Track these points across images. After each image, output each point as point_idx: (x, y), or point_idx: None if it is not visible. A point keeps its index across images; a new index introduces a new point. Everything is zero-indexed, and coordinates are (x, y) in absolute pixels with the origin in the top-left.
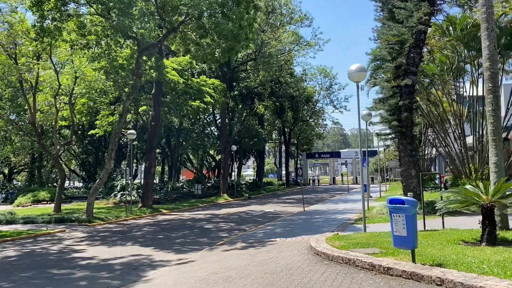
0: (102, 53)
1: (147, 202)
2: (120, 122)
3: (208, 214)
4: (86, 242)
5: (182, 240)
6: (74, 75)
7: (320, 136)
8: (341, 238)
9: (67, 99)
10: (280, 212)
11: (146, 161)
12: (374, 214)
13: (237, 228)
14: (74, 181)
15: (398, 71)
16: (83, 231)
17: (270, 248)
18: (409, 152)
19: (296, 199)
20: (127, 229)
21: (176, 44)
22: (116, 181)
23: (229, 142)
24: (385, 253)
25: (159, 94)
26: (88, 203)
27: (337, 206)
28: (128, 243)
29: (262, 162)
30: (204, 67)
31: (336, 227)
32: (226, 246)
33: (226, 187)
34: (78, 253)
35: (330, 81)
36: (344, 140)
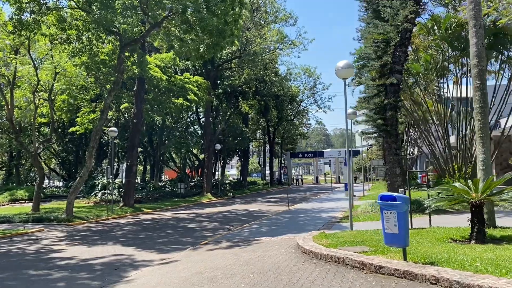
0: (83, 48)
1: (129, 201)
2: (101, 119)
3: (192, 214)
4: (65, 241)
5: (165, 240)
6: (54, 70)
7: (304, 135)
8: (328, 236)
9: (46, 96)
10: (264, 211)
11: (127, 160)
12: (359, 213)
13: (222, 228)
14: (53, 180)
15: (383, 69)
16: (62, 230)
17: (256, 247)
18: (394, 151)
19: (281, 198)
20: (108, 229)
21: (159, 40)
22: (97, 180)
23: (213, 141)
24: (374, 251)
25: (141, 91)
26: (68, 202)
27: (322, 205)
28: (109, 243)
29: (246, 162)
30: (188, 65)
31: (322, 226)
32: (211, 245)
33: (210, 186)
34: (56, 253)
35: (314, 81)
36: (327, 140)
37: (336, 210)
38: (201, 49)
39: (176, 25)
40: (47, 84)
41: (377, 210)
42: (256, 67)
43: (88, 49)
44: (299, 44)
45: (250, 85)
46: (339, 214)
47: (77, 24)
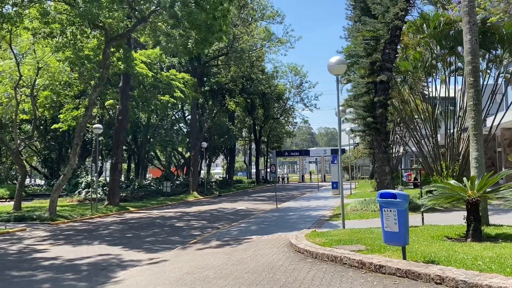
0: (67, 43)
1: (114, 199)
2: (85, 115)
3: (179, 212)
4: (49, 241)
5: (153, 239)
6: (37, 65)
7: (290, 134)
8: (320, 235)
9: (28, 91)
10: (252, 210)
11: (112, 157)
12: (348, 211)
13: (210, 226)
14: (35, 179)
15: (373, 67)
16: (45, 230)
17: (247, 246)
18: (383, 149)
19: (267, 196)
20: (93, 228)
21: (145, 36)
22: (81, 178)
23: (199, 138)
24: (371, 250)
25: (126, 87)
26: (51, 200)
27: (310, 203)
28: (95, 242)
29: (232, 160)
30: (174, 61)
31: (312, 224)
32: (200, 244)
33: (196, 184)
34: (40, 253)
35: (300, 79)
36: (311, 139)
37: (324, 209)
38: (190, 45)
39: (164, 20)
40: (30, 80)
41: (366, 208)
42: (243, 65)
43: (72, 44)
44: (286, 42)
45: (236, 82)
46: (328, 212)
47: (60, 18)
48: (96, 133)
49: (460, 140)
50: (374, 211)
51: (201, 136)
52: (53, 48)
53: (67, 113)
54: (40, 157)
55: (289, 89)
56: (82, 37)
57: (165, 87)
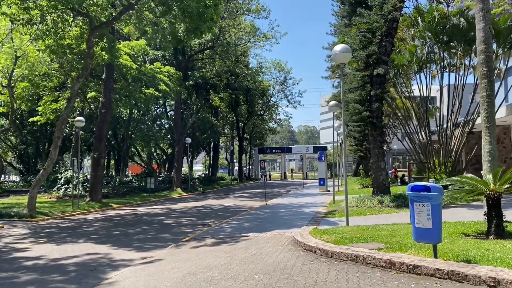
0: (48, 31)
1: (96, 196)
2: (68, 107)
3: (165, 209)
4: (29, 239)
5: (142, 237)
6: (14, 54)
7: (273, 131)
8: (326, 232)
9: (5, 82)
10: (241, 206)
11: (95, 152)
12: (343, 208)
13: (200, 223)
14: (10, 175)
15: (368, 60)
16: (24, 227)
17: (246, 244)
18: (379, 144)
19: (253, 193)
20: (76, 225)
21: (131, 25)
22: (59, 173)
23: (183, 134)
24: (391, 248)
25: (110, 79)
26: (30, 196)
27: (299, 200)
28: (80, 240)
29: (216, 156)
30: (157, 55)
31: (309, 221)
32: (194, 242)
33: (180, 181)
34: (21, 252)
35: (284, 76)
36: (291, 137)
37: (316, 205)
38: (180, 33)
39: (152, 8)
40: (6, 70)
41: (362, 205)
42: (228, 59)
43: (53, 31)
44: (271, 37)
45: (221, 77)
46: (321, 209)
47: (41, 4)
48: (77, 126)
49: (452, 136)
50: (371, 208)
51: (185, 131)
52: (33, 36)
53: (46, 106)
54: (15, 153)
55: (273, 86)
56: (64, 25)
57: (150, 80)
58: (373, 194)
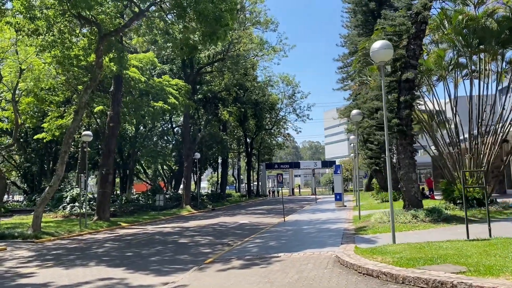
0: (54, 41)
1: (104, 214)
2: (75, 120)
3: (177, 227)
4: (35, 262)
5: (158, 258)
6: (19, 66)
7: (281, 146)
8: (374, 251)
9: (9, 96)
10: (257, 224)
11: (102, 168)
12: (375, 223)
13: (219, 242)
14: (13, 195)
15: (395, 64)
16: (29, 249)
17: (281, 266)
18: (409, 154)
19: (265, 209)
20: (85, 246)
21: (140, 36)
22: (65, 192)
23: (192, 149)
24: (477, 272)
25: (118, 92)
26: (35, 215)
27: (318, 216)
28: (91, 263)
29: (225, 172)
30: (165, 68)
31: (343, 239)
32: (219, 264)
33: (189, 198)
34: (26, 278)
35: (293, 89)
36: (296, 152)
37: (339, 221)
38: (196, 38)
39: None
40: (11, 84)
41: (395, 219)
42: (238, 71)
43: (60, 42)
44: (279, 50)
45: (230, 91)
46: (348, 225)
47: (47, 14)
48: (85, 140)
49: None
50: (404, 223)
51: (194, 146)
52: (38, 47)
53: (52, 122)
54: (19, 172)
55: (281, 99)
56: (71, 36)
57: (158, 93)
58: (404, 208)
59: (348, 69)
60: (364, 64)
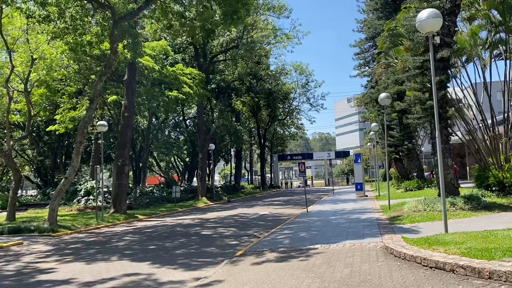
0: (66, 28)
1: (121, 207)
2: (90, 109)
3: (196, 219)
4: (54, 257)
5: (184, 251)
6: (31, 55)
7: (294, 136)
8: (430, 242)
9: (21, 87)
10: (278, 214)
11: (118, 159)
12: (410, 212)
13: (244, 234)
14: (27, 190)
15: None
16: (46, 243)
17: (324, 259)
18: (445, 138)
19: (282, 200)
20: (104, 239)
21: (154, 22)
22: (79, 185)
23: (207, 140)
24: None
25: (132, 81)
26: (50, 208)
27: (341, 206)
28: (113, 257)
29: (239, 163)
30: (177, 58)
31: (378, 229)
32: (252, 257)
33: (205, 189)
34: (46, 274)
35: (306, 78)
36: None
37: (367, 211)
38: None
39: None
40: (22, 74)
41: (431, 208)
42: (252, 59)
43: (72, 28)
44: (293, 37)
45: (243, 80)
46: (378, 215)
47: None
48: (100, 131)
49: None
50: (441, 212)
51: (208, 137)
52: (50, 34)
53: (64, 114)
54: (32, 166)
55: (294, 89)
56: (83, 22)
57: (172, 82)
58: (440, 196)
59: (365, 55)
60: (391, 45)
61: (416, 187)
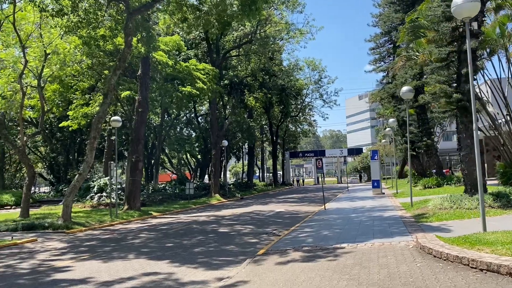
0: (80, 21)
1: (135, 203)
2: (104, 103)
3: (211, 216)
4: (69, 255)
5: (203, 249)
6: (44, 49)
7: (306, 133)
8: (471, 241)
9: (34, 82)
10: (294, 212)
11: (132, 155)
12: (433, 210)
13: (262, 232)
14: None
15: (454, 33)
16: (61, 240)
17: (354, 260)
18: (471, 133)
19: (296, 198)
20: (119, 236)
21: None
22: (92, 181)
23: (220, 136)
24: None
25: (146, 76)
26: (65, 204)
27: (360, 204)
28: (130, 255)
29: (252, 160)
30: (190, 54)
31: (406, 227)
32: (276, 256)
33: (218, 186)
34: (61, 272)
35: (319, 74)
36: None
37: (389, 209)
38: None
39: None
40: (36, 69)
41: (458, 206)
42: (265, 54)
43: (86, 22)
44: (306, 32)
45: (256, 76)
46: (402, 212)
47: None
48: (114, 126)
49: None
50: (470, 209)
51: (221, 133)
52: (63, 28)
53: (77, 110)
54: (45, 163)
55: (307, 85)
56: (97, 16)
57: (186, 78)
58: (466, 193)
59: (381, 50)
60: (412, 37)
61: (435, 184)
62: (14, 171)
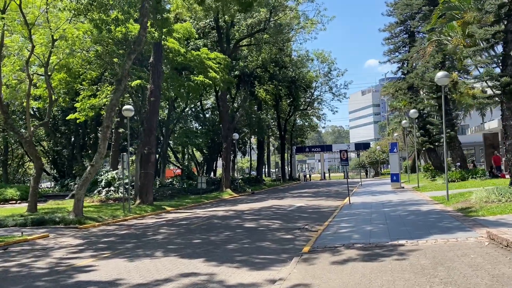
0: (90, 4)
1: (147, 198)
2: (118, 90)
3: (229, 211)
4: (88, 252)
5: (237, 246)
6: (51, 34)
7: (315, 127)
8: None
9: (41, 71)
10: (317, 206)
11: (144, 147)
12: (479, 204)
13: (293, 227)
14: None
15: (500, 11)
16: (75, 235)
17: (428, 259)
18: None
19: (310, 192)
20: (137, 232)
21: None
22: (100, 175)
23: (231, 129)
24: None
25: (158, 63)
26: (76, 198)
27: (385, 198)
28: (157, 253)
29: (262, 154)
30: (199, 44)
31: (461, 222)
32: (327, 255)
33: (229, 181)
34: (84, 273)
35: (328, 67)
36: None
37: (421, 203)
38: None
39: None
40: (43, 57)
41: (507, 198)
42: (278, 44)
43: (98, 4)
44: (317, 22)
45: (267, 67)
46: (439, 206)
47: None
48: (126, 116)
49: None
50: None
51: (232, 126)
52: (72, 11)
53: (84, 101)
54: (48, 158)
55: (317, 77)
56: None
57: (198, 67)
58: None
59: (395, 40)
60: (446, 19)
61: (459, 178)
62: (16, 166)
